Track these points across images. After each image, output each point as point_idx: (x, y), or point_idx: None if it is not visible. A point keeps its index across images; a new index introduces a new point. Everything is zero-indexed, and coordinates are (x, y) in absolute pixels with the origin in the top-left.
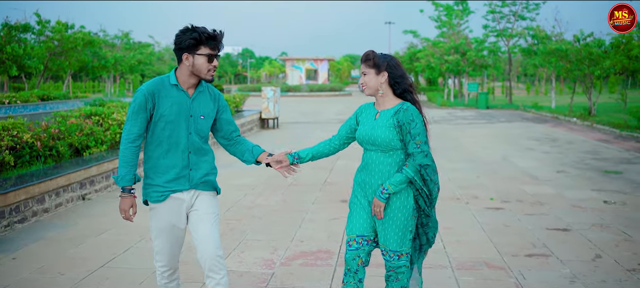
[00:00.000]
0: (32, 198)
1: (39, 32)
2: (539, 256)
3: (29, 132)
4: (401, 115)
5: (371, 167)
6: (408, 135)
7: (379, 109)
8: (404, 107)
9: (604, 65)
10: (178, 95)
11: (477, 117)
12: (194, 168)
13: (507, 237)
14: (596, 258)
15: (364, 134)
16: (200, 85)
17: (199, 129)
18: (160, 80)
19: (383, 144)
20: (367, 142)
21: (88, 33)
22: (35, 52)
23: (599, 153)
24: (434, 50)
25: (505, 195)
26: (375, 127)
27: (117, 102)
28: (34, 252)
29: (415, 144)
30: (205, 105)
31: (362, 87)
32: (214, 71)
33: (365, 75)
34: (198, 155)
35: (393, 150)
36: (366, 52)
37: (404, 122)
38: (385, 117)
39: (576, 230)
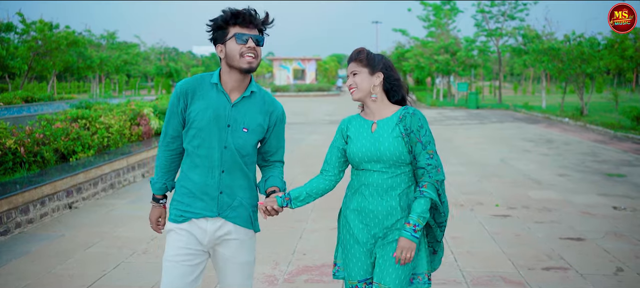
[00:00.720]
0: (16, 209)
1: (22, 32)
2: (557, 269)
3: (12, 137)
4: (408, 121)
5: (373, 190)
6: (419, 145)
7: (374, 118)
8: (409, 112)
9: (596, 65)
10: (216, 97)
11: (468, 118)
12: (225, 192)
13: (519, 248)
14: (618, 272)
15: (362, 150)
16: (249, 89)
17: (239, 144)
18: (201, 78)
19: (390, 159)
20: (367, 161)
21: (72, 33)
22: (19, 53)
23: (598, 155)
24: (423, 50)
25: (511, 201)
26: (377, 140)
27: (104, 104)
28: (18, 268)
29: (428, 154)
30: (251, 116)
31: (350, 89)
32: (254, 57)
33: (356, 75)
34: (234, 176)
35: (402, 165)
36: (357, 49)
37: (413, 129)
38: (387, 126)
39: (591, 239)
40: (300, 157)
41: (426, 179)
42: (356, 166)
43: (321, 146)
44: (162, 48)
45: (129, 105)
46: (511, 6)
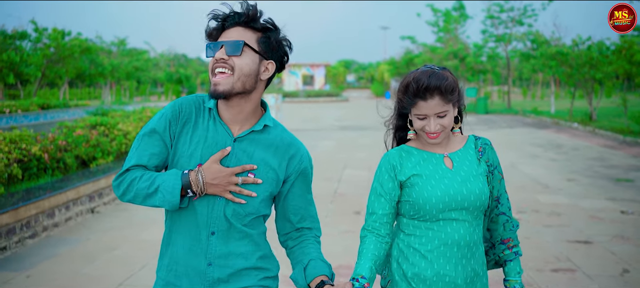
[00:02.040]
0: (43, 213)
1: (36, 40)
2: (565, 271)
3: (36, 143)
4: (490, 154)
5: (456, 250)
6: (503, 183)
7: (442, 150)
8: (487, 142)
9: (605, 70)
10: (213, 127)
11: (477, 123)
12: (216, 264)
13: (529, 251)
14: (624, 273)
15: (449, 194)
16: (261, 122)
17: (243, 197)
18: (196, 99)
19: (481, 205)
20: (449, 208)
21: (85, 40)
22: (32, 60)
23: (606, 160)
24: (432, 56)
25: (520, 205)
26: (466, 180)
27: (119, 110)
28: (48, 269)
29: (507, 194)
30: (264, 157)
31: (432, 135)
32: (225, 69)
33: (443, 118)
34: (229, 240)
35: (481, 212)
36: (439, 77)
37: (496, 165)
38: (466, 160)
39: (598, 242)
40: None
41: (510, 233)
42: (430, 217)
43: (333, 152)
44: (172, 54)
45: (144, 112)
46: (520, 12)
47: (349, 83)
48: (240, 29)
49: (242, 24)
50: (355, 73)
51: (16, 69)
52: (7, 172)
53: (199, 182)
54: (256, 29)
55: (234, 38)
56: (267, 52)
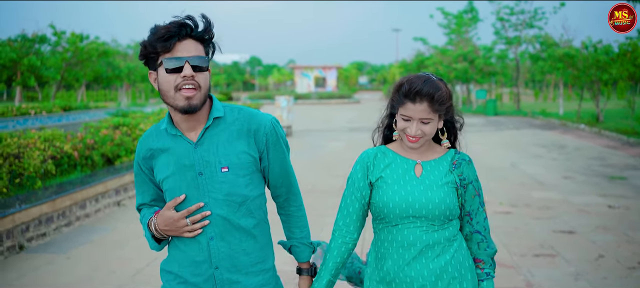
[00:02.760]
0: (76, 204)
1: (55, 44)
2: (546, 256)
3: (68, 142)
4: (466, 169)
5: (412, 253)
6: (477, 199)
7: (418, 157)
8: (465, 158)
9: (611, 72)
10: (173, 143)
11: (485, 124)
12: (223, 266)
13: (516, 239)
14: (599, 258)
15: (407, 200)
16: (211, 115)
17: (226, 192)
18: (155, 128)
19: (440, 215)
20: (406, 215)
21: (102, 44)
22: (51, 63)
23: (606, 160)
24: (442, 58)
25: (514, 200)
26: (429, 188)
27: (138, 112)
28: (84, 252)
29: (484, 213)
30: (228, 146)
31: (412, 141)
32: (194, 87)
33: (426, 125)
34: (231, 240)
35: (447, 220)
36: (433, 86)
37: (472, 180)
38: (436, 170)
39: (581, 232)
40: (323, 162)
41: (484, 254)
42: (389, 221)
43: (342, 152)
44: None
45: (162, 114)
46: (530, 15)
47: (361, 85)
48: (192, 42)
49: (192, 37)
50: (368, 75)
51: (37, 72)
52: (43, 167)
53: (156, 231)
54: (203, 39)
55: (195, 53)
56: (210, 58)
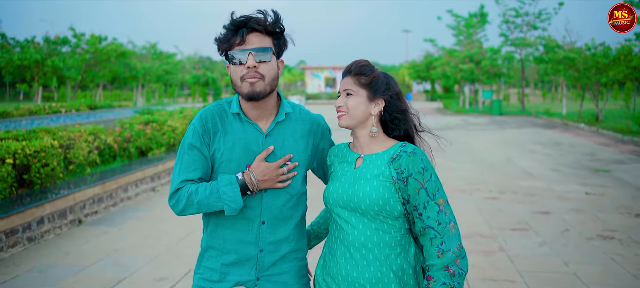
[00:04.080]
0: (120, 188)
1: (75, 46)
2: (521, 230)
3: (110, 136)
4: (405, 162)
5: (354, 251)
6: (423, 193)
7: (362, 152)
8: (407, 150)
9: (608, 74)
10: (243, 129)
11: (489, 124)
12: (267, 250)
13: (498, 218)
14: (565, 232)
15: (336, 192)
16: (282, 111)
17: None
18: (219, 107)
19: (371, 209)
20: (342, 206)
21: (120, 45)
22: (72, 64)
23: (596, 155)
24: (450, 60)
25: (503, 189)
26: (358, 181)
27: (162, 110)
28: (132, 226)
29: (438, 205)
30: (292, 143)
31: (339, 113)
32: (257, 77)
33: (350, 97)
34: (277, 228)
35: (389, 218)
36: (358, 62)
37: (413, 173)
38: (374, 164)
39: (556, 213)
40: None
41: (437, 260)
42: (332, 212)
43: None
44: (197, 57)
45: (186, 112)
46: (535, 16)
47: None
48: (260, 35)
49: (261, 31)
50: None
51: (59, 73)
52: (90, 157)
53: (253, 182)
54: (272, 33)
55: (259, 45)
56: (280, 53)
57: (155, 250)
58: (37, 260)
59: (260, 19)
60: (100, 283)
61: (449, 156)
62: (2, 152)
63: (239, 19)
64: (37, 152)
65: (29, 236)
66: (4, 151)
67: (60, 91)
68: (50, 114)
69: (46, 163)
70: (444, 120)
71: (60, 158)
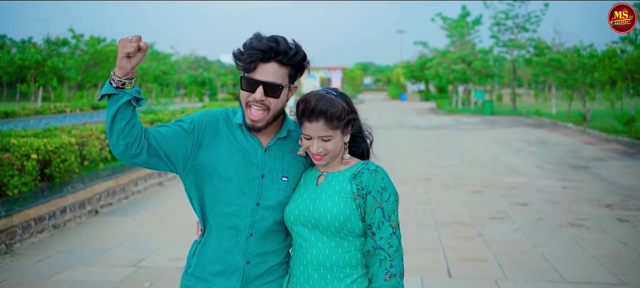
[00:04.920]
0: (131, 182)
1: (74, 46)
2: (499, 218)
3: None
4: (366, 178)
5: (309, 270)
6: (378, 212)
7: (324, 169)
8: (369, 168)
9: (594, 76)
10: (244, 139)
11: (480, 123)
12: (254, 262)
13: (479, 209)
14: (539, 220)
15: (297, 209)
16: (285, 128)
17: (281, 198)
18: (224, 113)
19: (332, 225)
20: (302, 224)
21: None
22: (71, 65)
23: (578, 153)
24: (442, 60)
25: (487, 183)
26: (319, 197)
27: (164, 110)
28: (144, 215)
29: (391, 228)
30: (289, 160)
31: (316, 159)
32: (262, 109)
33: (327, 142)
34: (265, 241)
35: (349, 235)
36: (324, 102)
37: (372, 191)
38: (336, 180)
39: (532, 204)
40: None
41: (383, 282)
42: (291, 229)
43: None
44: (193, 57)
45: (187, 111)
46: (524, 18)
47: (366, 85)
48: (276, 65)
49: (278, 61)
50: (372, 75)
51: (59, 74)
52: (102, 154)
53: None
54: (290, 64)
55: (271, 78)
56: (294, 79)
57: (168, 236)
58: (64, 243)
59: (280, 49)
60: (123, 261)
61: (438, 154)
62: (26, 148)
63: (259, 44)
64: (57, 148)
65: (53, 223)
66: (28, 147)
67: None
68: (55, 114)
69: (64, 158)
70: (436, 119)
71: (76, 154)
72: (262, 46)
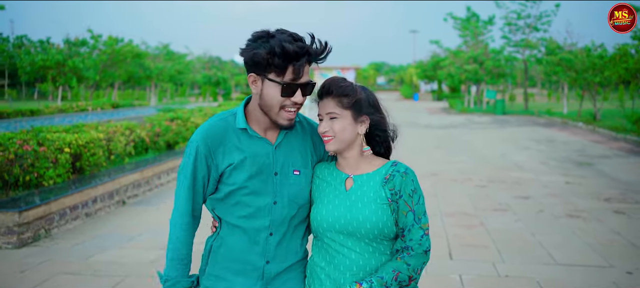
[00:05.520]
0: (155, 175)
1: (92, 47)
2: (501, 210)
3: (143, 130)
4: (398, 182)
5: (347, 275)
6: (410, 215)
7: (351, 171)
8: (399, 170)
9: (604, 75)
10: (251, 143)
11: (491, 123)
12: (274, 261)
13: (483, 201)
14: (539, 212)
15: (333, 215)
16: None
17: (294, 193)
18: (221, 122)
19: (370, 233)
20: (338, 231)
21: (136, 46)
22: (90, 64)
23: (584, 151)
24: (455, 60)
25: (493, 178)
26: (354, 204)
27: (182, 108)
28: (168, 206)
29: (423, 230)
30: (299, 152)
31: (325, 138)
32: (295, 111)
33: (334, 120)
34: (285, 238)
35: (384, 240)
36: (335, 82)
37: (403, 194)
38: (368, 186)
39: (534, 198)
40: None
41: (394, 265)
42: (319, 236)
43: None
44: (207, 57)
45: (205, 110)
46: (536, 18)
47: (379, 85)
48: (308, 66)
49: (309, 61)
50: (386, 75)
51: (79, 74)
52: (127, 149)
53: None
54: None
55: (307, 78)
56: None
57: None
58: (96, 230)
59: (318, 52)
60: (153, 244)
61: (447, 152)
62: (60, 142)
63: (304, 48)
64: (87, 143)
65: (86, 212)
66: (61, 142)
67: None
68: (78, 112)
69: (94, 152)
70: (448, 119)
71: (104, 149)
72: (307, 48)
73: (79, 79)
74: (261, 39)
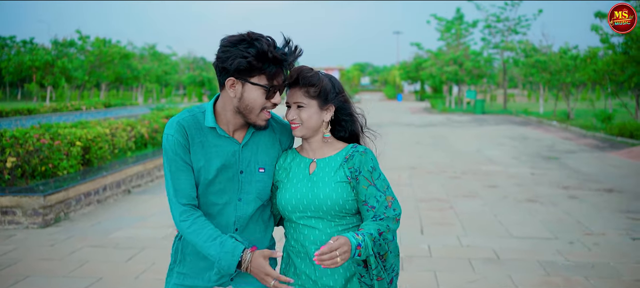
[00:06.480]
0: (156, 167)
1: (80, 47)
2: (470, 197)
3: (143, 127)
4: (357, 160)
5: (314, 247)
6: (371, 188)
7: (314, 156)
8: (358, 150)
9: (575, 76)
10: (219, 142)
11: (470, 121)
12: None
13: (455, 189)
14: (504, 198)
15: (296, 197)
16: None
17: (259, 190)
18: (193, 117)
19: (332, 209)
20: (302, 211)
21: (124, 47)
22: (78, 65)
23: (554, 147)
24: (436, 61)
25: (465, 170)
26: (316, 185)
27: (173, 107)
28: None
29: (387, 201)
30: (265, 150)
31: (293, 125)
32: (269, 113)
33: (302, 109)
34: (250, 231)
35: (347, 215)
36: (302, 72)
37: (363, 171)
38: (329, 167)
39: (501, 187)
40: None
41: (376, 223)
42: (289, 217)
43: None
44: (191, 58)
45: None
46: (515, 21)
47: (363, 86)
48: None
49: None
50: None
51: (67, 74)
52: (128, 143)
53: (244, 266)
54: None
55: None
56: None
57: None
58: (109, 214)
59: (295, 54)
60: (162, 224)
61: (425, 147)
62: (71, 137)
63: (289, 54)
64: (95, 137)
65: (97, 199)
66: (73, 136)
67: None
68: (72, 111)
69: (100, 146)
70: (429, 118)
71: (109, 143)
72: (290, 53)
73: (68, 80)
74: (242, 44)
